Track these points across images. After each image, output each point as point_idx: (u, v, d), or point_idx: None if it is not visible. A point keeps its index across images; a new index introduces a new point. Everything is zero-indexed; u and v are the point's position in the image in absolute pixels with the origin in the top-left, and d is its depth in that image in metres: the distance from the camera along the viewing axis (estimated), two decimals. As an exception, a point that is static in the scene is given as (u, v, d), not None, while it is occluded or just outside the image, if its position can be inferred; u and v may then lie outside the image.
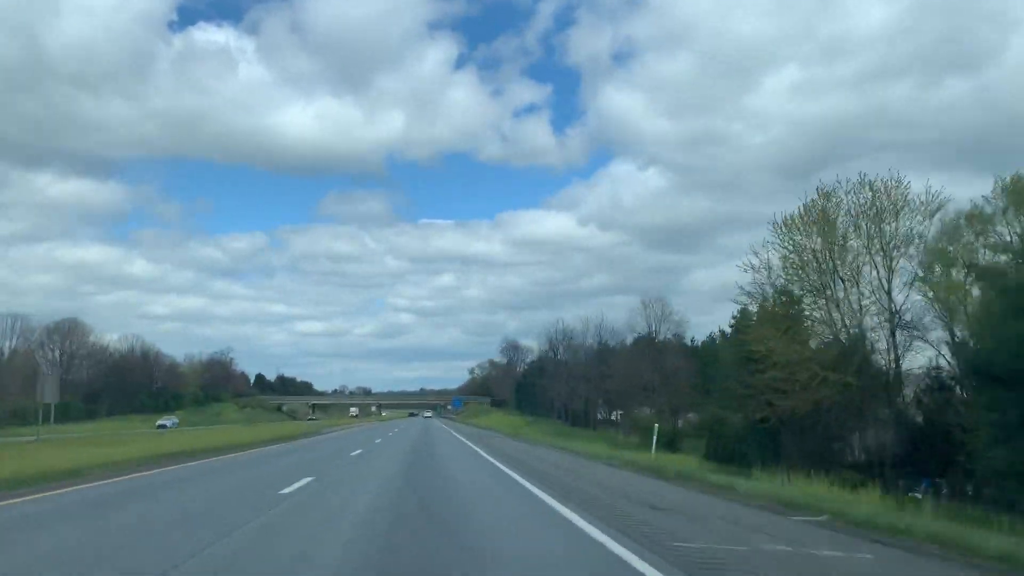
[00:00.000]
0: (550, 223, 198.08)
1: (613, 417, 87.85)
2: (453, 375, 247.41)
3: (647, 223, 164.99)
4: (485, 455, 23.15)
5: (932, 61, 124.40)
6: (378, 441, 32.00)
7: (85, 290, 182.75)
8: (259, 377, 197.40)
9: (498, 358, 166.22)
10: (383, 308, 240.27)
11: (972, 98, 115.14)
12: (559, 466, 19.30)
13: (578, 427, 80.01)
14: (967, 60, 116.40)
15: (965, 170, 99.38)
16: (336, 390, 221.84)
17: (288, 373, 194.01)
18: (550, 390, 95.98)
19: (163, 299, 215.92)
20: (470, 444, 30.93)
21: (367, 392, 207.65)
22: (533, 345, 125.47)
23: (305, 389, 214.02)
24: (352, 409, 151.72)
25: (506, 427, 71.43)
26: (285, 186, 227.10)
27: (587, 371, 78.03)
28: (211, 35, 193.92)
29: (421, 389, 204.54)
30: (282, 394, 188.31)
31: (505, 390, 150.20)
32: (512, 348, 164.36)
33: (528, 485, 13.38)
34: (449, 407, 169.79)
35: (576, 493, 11.97)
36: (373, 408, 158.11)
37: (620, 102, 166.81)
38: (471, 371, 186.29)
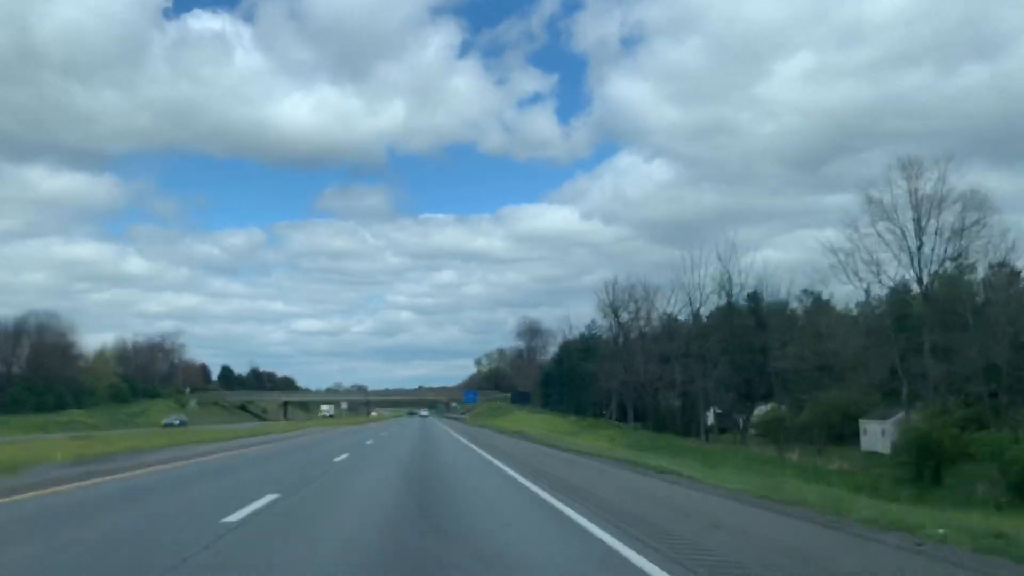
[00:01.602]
0: (552, 217, 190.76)
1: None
2: (453, 373, 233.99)
3: (652, 217, 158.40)
4: None
5: (949, 47, 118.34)
6: None
7: (79, 288, 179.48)
8: (225, 370, 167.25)
9: (510, 345, 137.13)
10: (382, 305, 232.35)
11: (990, 85, 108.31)
12: None
13: (666, 433, 49.78)
14: (985, 46, 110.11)
15: (981, 160, 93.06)
16: (330, 388, 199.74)
17: (284, 371, 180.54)
18: (606, 379, 65.53)
19: (158, 297, 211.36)
20: None
21: (362, 389, 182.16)
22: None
23: (285, 385, 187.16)
24: (324, 407, 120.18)
25: (563, 433, 40.86)
26: (283, 180, 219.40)
27: (698, 347, 46.59)
28: (207, 23, 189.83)
29: (419, 387, 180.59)
30: (256, 390, 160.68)
31: (525, 382, 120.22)
32: (531, 331, 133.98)
33: None
34: (454, 404, 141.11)
35: None
36: (343, 405, 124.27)
37: (627, 91, 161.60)
38: (477, 361, 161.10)
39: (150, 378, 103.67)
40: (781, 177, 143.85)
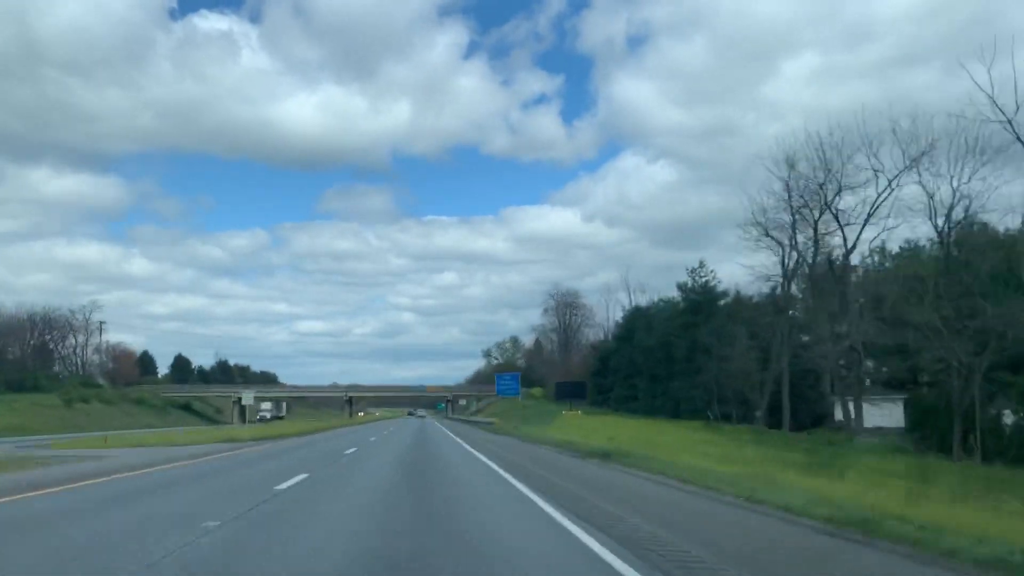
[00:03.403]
0: (555, 219, 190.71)
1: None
2: (453, 374, 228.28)
3: (654, 219, 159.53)
4: None
5: (958, 46, 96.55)
6: None
7: (84, 289, 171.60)
8: (180, 361, 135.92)
9: (532, 325, 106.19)
10: (384, 307, 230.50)
11: (1000, 87, 71.39)
12: None
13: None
14: (995, 45, 72.47)
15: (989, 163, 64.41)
16: (329, 386, 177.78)
17: (283, 372, 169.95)
18: (741, 357, 33.68)
19: (162, 298, 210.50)
20: None
21: (354, 387, 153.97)
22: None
23: (263, 380, 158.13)
24: (265, 406, 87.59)
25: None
26: (286, 181, 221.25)
27: None
28: (213, 22, 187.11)
29: (424, 386, 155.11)
30: (223, 384, 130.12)
31: (555, 373, 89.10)
32: (567, 306, 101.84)
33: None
34: (463, 402, 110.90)
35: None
36: (269, 405, 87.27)
37: (632, 91, 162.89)
38: (486, 353, 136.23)
39: (29, 365, 71.92)
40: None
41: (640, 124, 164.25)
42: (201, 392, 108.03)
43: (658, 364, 54.27)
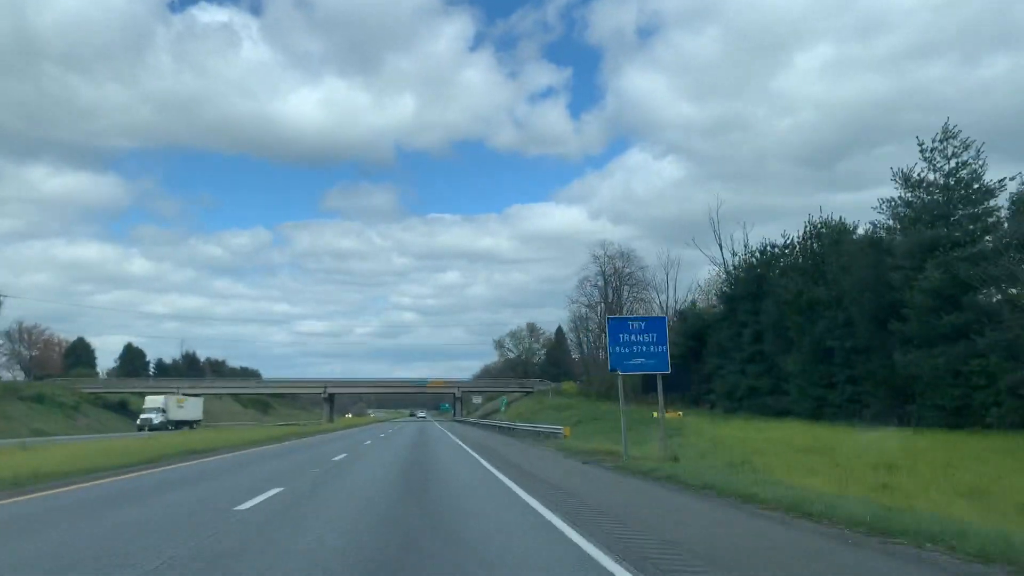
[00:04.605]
0: (560, 217, 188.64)
1: None
2: (455, 375, 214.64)
3: (661, 216, 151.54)
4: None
5: (973, 37, 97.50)
6: None
7: (83, 289, 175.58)
8: (131, 352, 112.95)
9: (570, 303, 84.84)
10: (386, 306, 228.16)
11: (1012, 77, 78.03)
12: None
13: None
14: (1011, 36, 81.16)
15: (1000, 157, 73.27)
16: (306, 381, 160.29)
17: (282, 372, 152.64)
18: None
19: (162, 298, 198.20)
20: None
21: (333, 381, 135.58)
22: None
23: (240, 376, 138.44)
24: (151, 401, 62.17)
25: None
26: (289, 179, 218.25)
27: None
28: (213, 14, 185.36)
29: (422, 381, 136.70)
30: (194, 380, 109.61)
31: (599, 363, 66.57)
32: (617, 274, 77.72)
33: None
34: (477, 400, 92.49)
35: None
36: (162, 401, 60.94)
37: (641, 84, 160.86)
38: (498, 344, 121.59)
39: None
40: (794, 175, 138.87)
41: (649, 118, 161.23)
42: (141, 388, 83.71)
43: (842, 331, 31.50)
